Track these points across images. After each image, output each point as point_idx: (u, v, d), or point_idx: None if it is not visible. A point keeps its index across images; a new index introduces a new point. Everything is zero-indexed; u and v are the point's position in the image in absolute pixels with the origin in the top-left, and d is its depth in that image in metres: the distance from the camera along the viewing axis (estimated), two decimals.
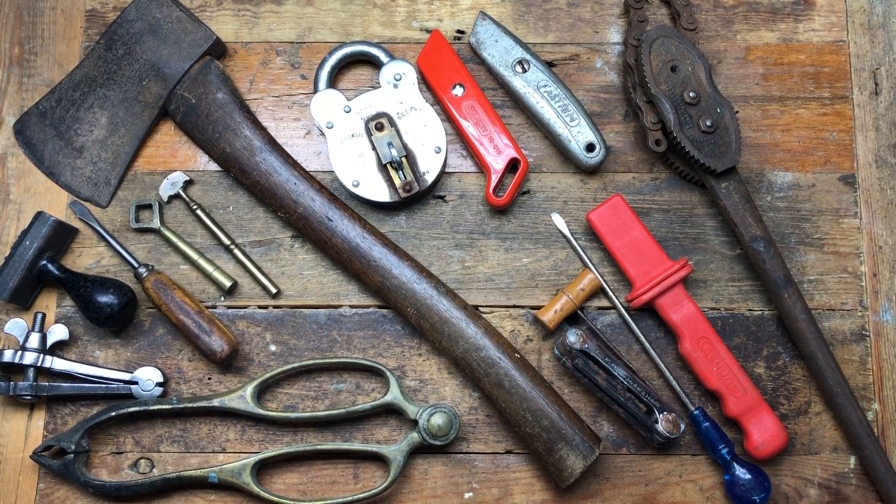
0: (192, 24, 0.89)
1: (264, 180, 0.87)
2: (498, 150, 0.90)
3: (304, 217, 0.86)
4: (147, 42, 0.89)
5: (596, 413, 0.87)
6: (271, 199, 0.87)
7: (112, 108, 0.89)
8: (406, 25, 0.96)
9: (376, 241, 0.85)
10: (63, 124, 0.90)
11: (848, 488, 0.85)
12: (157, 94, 0.89)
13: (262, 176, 0.87)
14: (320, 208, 0.86)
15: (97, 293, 0.85)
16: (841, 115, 0.94)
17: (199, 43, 0.89)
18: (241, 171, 0.88)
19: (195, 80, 0.88)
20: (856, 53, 0.95)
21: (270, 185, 0.87)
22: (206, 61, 0.89)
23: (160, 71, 0.88)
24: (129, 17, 0.90)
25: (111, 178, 0.90)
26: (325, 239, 0.86)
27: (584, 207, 0.91)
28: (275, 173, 0.86)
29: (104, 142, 0.90)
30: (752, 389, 0.85)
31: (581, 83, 0.94)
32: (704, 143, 0.86)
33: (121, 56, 0.89)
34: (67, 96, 0.91)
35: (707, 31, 0.96)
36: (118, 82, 0.89)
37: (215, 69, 0.89)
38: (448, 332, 0.83)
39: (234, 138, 0.87)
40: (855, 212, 0.91)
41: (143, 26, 0.89)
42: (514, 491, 0.85)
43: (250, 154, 0.87)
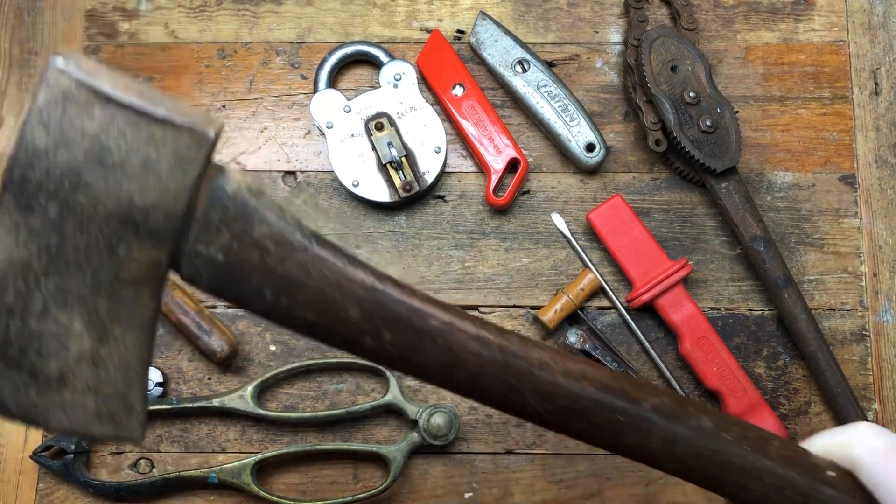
0: (165, 125, 0.47)
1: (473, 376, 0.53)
2: (498, 149, 0.90)
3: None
4: (93, 182, 0.46)
5: None
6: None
7: (83, 304, 0.49)
8: (406, 25, 0.96)
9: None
10: (10, 349, 0.51)
11: None
12: (152, 260, 0.49)
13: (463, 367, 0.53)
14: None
15: None
16: (841, 115, 0.94)
17: (190, 154, 0.48)
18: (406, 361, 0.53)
19: (210, 220, 0.49)
20: (856, 53, 0.95)
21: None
22: (217, 180, 0.49)
23: (140, 224, 0.48)
24: (37, 145, 0.45)
25: (131, 400, 0.54)
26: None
27: (584, 207, 0.91)
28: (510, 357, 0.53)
29: (95, 356, 0.52)
30: (752, 389, 0.85)
31: (581, 83, 0.94)
32: (704, 142, 0.86)
33: (56, 219, 0.47)
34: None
35: (707, 31, 0.96)
36: (72, 262, 0.48)
37: (243, 190, 0.50)
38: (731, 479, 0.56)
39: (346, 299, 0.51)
40: (855, 212, 0.91)
41: (73, 157, 0.46)
42: (514, 491, 0.85)
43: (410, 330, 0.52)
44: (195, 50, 0.96)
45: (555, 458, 0.86)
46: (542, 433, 0.86)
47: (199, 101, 0.94)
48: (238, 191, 0.49)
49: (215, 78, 0.95)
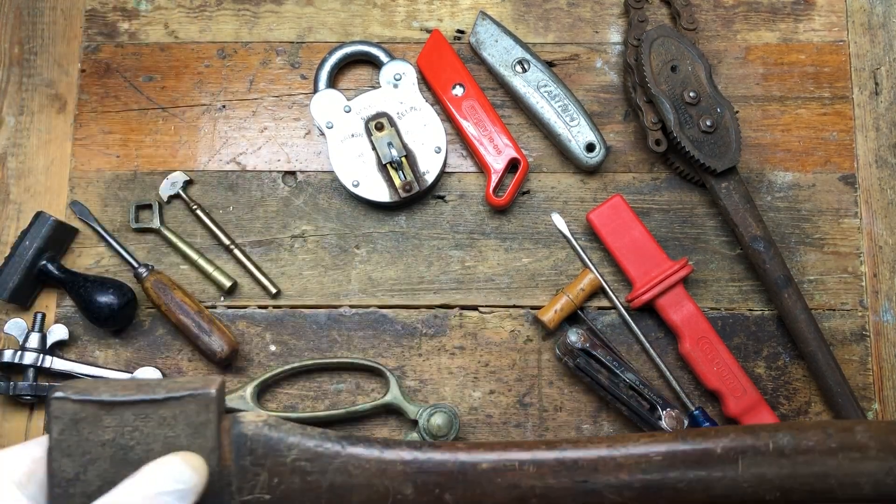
0: (170, 403, 0.51)
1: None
2: (498, 149, 0.90)
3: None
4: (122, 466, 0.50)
5: (596, 412, 0.87)
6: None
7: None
8: (406, 25, 0.96)
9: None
10: None
11: None
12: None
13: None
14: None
15: (97, 293, 0.85)
16: (841, 115, 0.94)
17: (201, 419, 0.51)
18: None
19: (243, 468, 0.52)
20: (856, 53, 0.95)
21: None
22: (235, 429, 0.52)
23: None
24: (67, 475, 0.50)
25: None
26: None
27: (584, 207, 0.91)
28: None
29: None
30: (753, 389, 0.85)
31: (581, 83, 0.94)
32: (704, 142, 0.86)
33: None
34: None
35: (707, 31, 0.96)
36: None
37: (262, 428, 0.53)
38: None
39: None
40: (855, 212, 0.91)
41: (102, 468, 0.50)
42: None
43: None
44: (195, 50, 0.96)
45: None
46: (541, 433, 0.86)
47: (198, 101, 0.94)
48: (257, 430, 0.53)
49: (215, 78, 0.95)
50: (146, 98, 0.94)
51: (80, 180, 0.93)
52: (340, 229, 0.91)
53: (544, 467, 0.53)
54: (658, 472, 0.53)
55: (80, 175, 0.93)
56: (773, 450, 0.53)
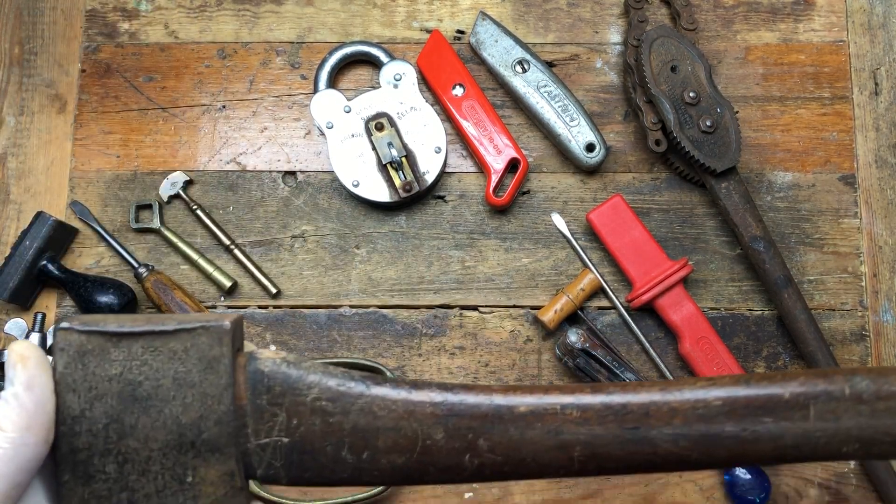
0: (180, 335, 0.47)
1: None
2: (498, 149, 0.90)
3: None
4: (136, 421, 0.47)
5: None
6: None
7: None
8: (406, 25, 0.96)
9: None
10: None
11: (848, 488, 0.85)
12: (223, 475, 0.47)
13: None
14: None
15: (97, 293, 0.85)
16: (841, 116, 0.94)
17: (214, 352, 0.47)
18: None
19: (260, 407, 0.47)
20: (856, 53, 0.95)
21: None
22: (251, 365, 0.48)
23: (196, 442, 0.46)
24: (72, 411, 0.46)
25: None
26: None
27: (584, 207, 0.91)
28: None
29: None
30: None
31: (581, 83, 0.94)
32: (704, 143, 0.86)
33: (117, 475, 0.47)
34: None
35: (707, 31, 0.96)
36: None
37: (280, 364, 0.48)
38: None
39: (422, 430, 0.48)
40: (855, 212, 0.91)
41: (109, 405, 0.46)
42: (514, 491, 0.85)
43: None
44: (195, 50, 0.96)
45: None
46: None
47: (199, 101, 0.94)
48: (275, 367, 0.48)
49: (215, 78, 0.95)
50: (146, 98, 0.94)
51: (80, 180, 0.93)
52: (340, 229, 0.91)
53: (589, 412, 0.47)
54: (718, 419, 0.46)
55: (80, 175, 0.93)
56: (850, 395, 0.46)
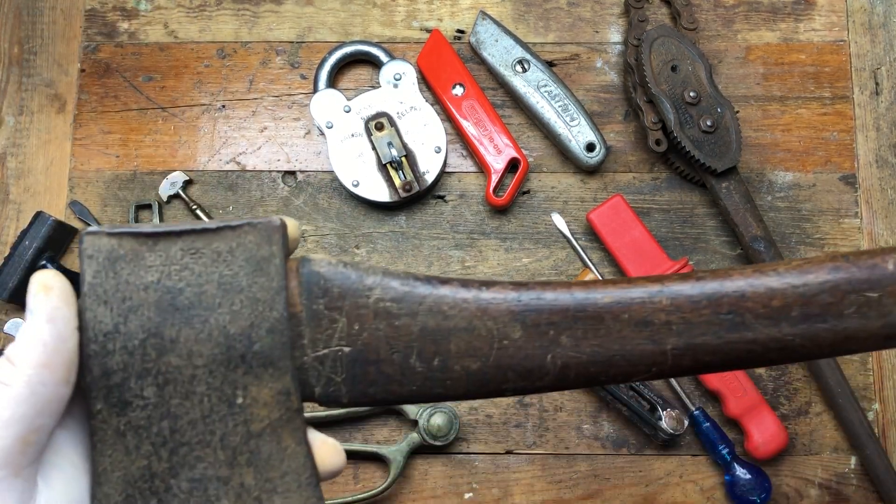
0: (225, 234, 0.42)
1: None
2: (498, 149, 0.90)
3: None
4: (178, 334, 0.41)
5: (597, 413, 0.87)
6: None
7: (226, 488, 0.41)
8: (406, 25, 0.96)
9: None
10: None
11: (849, 488, 0.85)
12: (278, 394, 0.41)
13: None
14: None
15: None
16: (841, 115, 0.94)
17: (264, 252, 0.42)
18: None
19: (317, 313, 0.42)
20: (856, 53, 0.95)
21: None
22: (304, 267, 0.43)
23: (246, 355, 0.41)
24: (104, 326, 0.40)
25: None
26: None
27: (585, 207, 0.91)
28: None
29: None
30: (753, 390, 0.85)
31: (581, 83, 0.94)
32: (705, 142, 0.86)
33: (157, 399, 0.41)
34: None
35: (707, 31, 0.96)
36: (194, 442, 0.41)
37: (337, 265, 0.43)
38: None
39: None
40: (855, 212, 0.91)
41: (146, 318, 0.41)
42: (514, 491, 0.85)
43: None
44: (195, 50, 0.96)
45: (555, 458, 0.86)
46: (542, 433, 0.86)
47: (198, 100, 0.94)
48: (331, 268, 0.42)
49: (215, 78, 0.95)
50: (146, 98, 0.94)
51: (79, 180, 0.93)
52: (340, 229, 0.91)
53: (680, 298, 0.43)
54: (819, 297, 0.43)
55: (79, 175, 0.93)
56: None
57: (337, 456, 0.43)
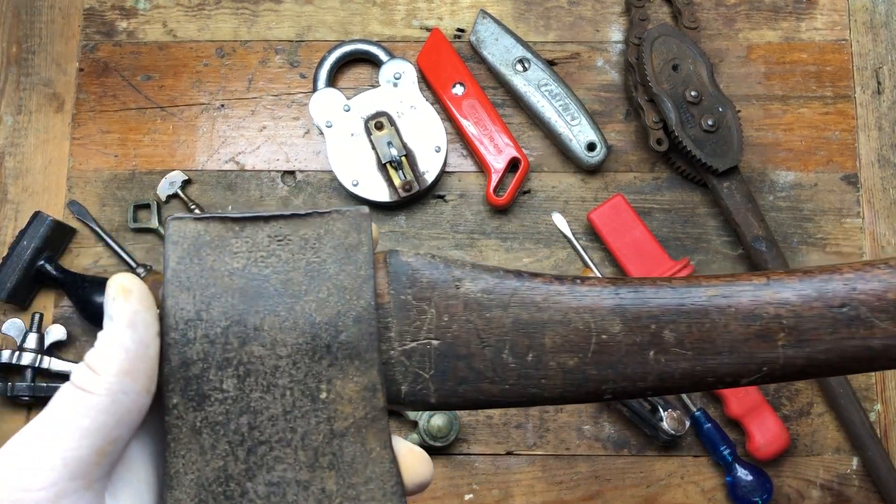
0: (313, 221, 0.41)
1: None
2: (498, 149, 0.89)
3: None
4: (262, 322, 0.39)
5: (597, 413, 0.86)
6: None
7: (306, 493, 0.38)
8: (406, 24, 0.96)
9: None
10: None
11: (850, 489, 0.85)
12: (363, 388, 0.39)
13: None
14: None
15: (95, 293, 0.84)
16: (843, 115, 0.93)
17: (352, 240, 0.40)
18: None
19: (405, 303, 0.40)
20: (858, 52, 0.95)
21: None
22: (391, 256, 0.42)
23: (332, 345, 0.39)
24: (185, 314, 0.39)
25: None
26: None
27: (585, 207, 0.91)
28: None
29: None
30: (754, 391, 0.84)
31: (582, 82, 0.94)
32: (706, 142, 0.86)
33: (237, 393, 0.39)
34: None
35: (709, 30, 0.95)
36: (274, 441, 0.38)
37: (424, 255, 0.42)
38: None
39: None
40: (857, 211, 0.91)
41: (229, 305, 0.39)
42: (514, 492, 0.85)
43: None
44: (194, 49, 0.95)
45: (555, 459, 0.85)
46: (542, 434, 0.86)
47: (197, 100, 0.94)
48: (419, 258, 0.41)
49: (214, 77, 0.94)
50: (144, 97, 0.94)
51: (78, 180, 0.92)
52: None
53: (788, 291, 0.41)
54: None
55: (78, 175, 0.92)
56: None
57: (425, 466, 0.40)
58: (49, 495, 0.34)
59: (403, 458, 0.40)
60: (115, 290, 0.37)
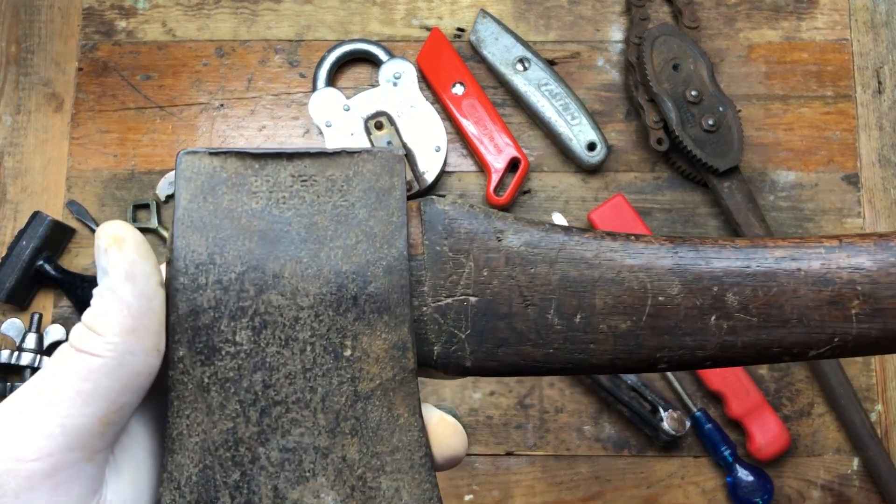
0: (342, 160, 0.37)
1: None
2: (498, 148, 0.89)
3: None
4: (283, 269, 0.35)
5: (598, 414, 0.86)
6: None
7: (325, 461, 0.34)
8: (406, 23, 0.95)
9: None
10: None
11: (851, 490, 0.85)
12: (392, 347, 0.35)
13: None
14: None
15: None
16: (844, 114, 0.93)
17: (384, 183, 0.37)
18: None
19: (441, 255, 0.37)
20: (859, 52, 0.95)
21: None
22: (426, 204, 0.38)
23: (359, 298, 0.35)
24: (197, 256, 0.35)
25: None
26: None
27: (586, 207, 0.91)
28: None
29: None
30: (755, 391, 0.84)
31: (582, 81, 0.94)
32: (707, 142, 0.86)
33: (251, 346, 0.35)
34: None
35: (709, 30, 0.95)
36: (290, 402, 0.35)
37: (462, 204, 0.38)
38: None
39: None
40: (858, 211, 0.91)
41: (246, 249, 0.35)
42: (514, 493, 0.85)
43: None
44: (193, 48, 0.95)
45: (556, 459, 0.85)
46: (542, 434, 0.86)
47: (196, 99, 0.94)
48: (457, 207, 0.38)
49: (213, 76, 0.94)
50: (144, 97, 0.94)
51: (77, 179, 0.92)
52: None
53: (863, 255, 0.37)
54: None
55: (77, 174, 0.92)
56: None
57: (458, 439, 0.36)
58: (44, 466, 0.30)
59: (434, 428, 0.36)
60: (107, 240, 0.33)
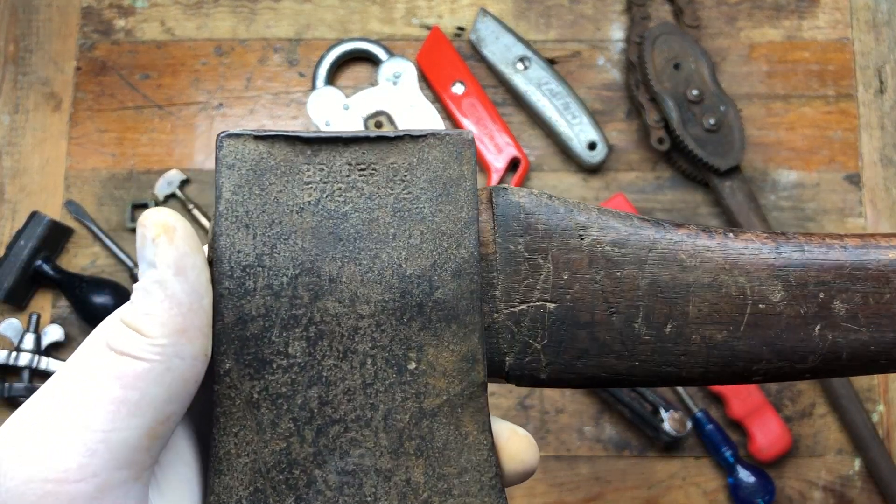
0: (404, 145, 0.33)
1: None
2: (499, 148, 0.89)
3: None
4: (340, 271, 0.32)
5: (599, 415, 0.86)
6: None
7: (388, 484, 0.31)
8: (405, 22, 0.95)
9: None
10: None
11: (853, 491, 0.85)
12: (461, 359, 0.32)
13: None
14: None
15: (93, 294, 0.84)
16: (845, 114, 0.93)
17: (452, 172, 0.33)
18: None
19: (516, 255, 0.33)
20: (860, 51, 0.94)
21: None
22: (499, 196, 0.34)
23: (424, 304, 0.32)
24: (244, 258, 0.32)
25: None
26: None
27: None
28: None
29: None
30: (756, 391, 0.84)
31: (583, 81, 0.93)
32: (708, 141, 0.85)
33: (305, 358, 0.32)
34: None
35: (710, 29, 0.95)
36: (349, 420, 0.32)
37: (541, 196, 0.34)
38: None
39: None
40: (860, 211, 0.91)
41: (303, 249, 0.32)
42: (514, 494, 0.84)
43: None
44: (192, 47, 0.95)
45: (556, 461, 0.85)
46: (543, 435, 0.85)
47: (195, 98, 0.93)
48: (534, 199, 0.34)
49: (212, 76, 0.94)
50: (142, 96, 0.93)
51: (75, 179, 0.92)
52: None
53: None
54: None
55: (75, 174, 0.92)
56: None
57: (531, 452, 0.34)
58: (89, 488, 0.26)
59: (505, 444, 0.33)
60: (155, 229, 0.29)
